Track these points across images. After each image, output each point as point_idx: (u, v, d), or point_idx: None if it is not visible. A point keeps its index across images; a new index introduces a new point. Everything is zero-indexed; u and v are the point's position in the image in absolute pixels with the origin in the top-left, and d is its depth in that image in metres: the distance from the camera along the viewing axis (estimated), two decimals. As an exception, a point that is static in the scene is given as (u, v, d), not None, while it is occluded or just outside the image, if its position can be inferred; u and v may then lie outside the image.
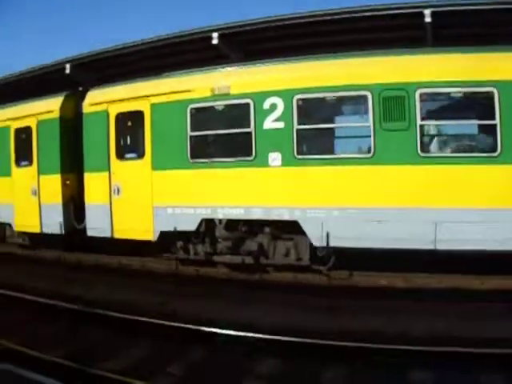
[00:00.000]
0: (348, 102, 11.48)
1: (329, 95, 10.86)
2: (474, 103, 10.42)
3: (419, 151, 10.01)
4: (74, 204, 14.69)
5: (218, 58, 14.54)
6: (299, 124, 10.94)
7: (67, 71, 16.49)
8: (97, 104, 13.86)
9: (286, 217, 11.11)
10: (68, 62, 16.49)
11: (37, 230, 15.35)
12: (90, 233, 14.09)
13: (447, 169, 9.91)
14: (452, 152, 10.48)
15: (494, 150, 9.67)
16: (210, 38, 13.97)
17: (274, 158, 11.19)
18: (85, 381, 6.34)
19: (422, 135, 10.17)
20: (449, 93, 10.23)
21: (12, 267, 15.03)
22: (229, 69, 12.49)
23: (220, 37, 13.96)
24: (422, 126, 10.11)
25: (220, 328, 8.29)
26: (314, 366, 6.98)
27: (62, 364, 6.84)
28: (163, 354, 7.55)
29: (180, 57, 15.41)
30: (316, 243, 10.92)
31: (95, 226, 13.84)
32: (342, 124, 12.18)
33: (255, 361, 7.25)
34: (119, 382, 6.35)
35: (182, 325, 8.50)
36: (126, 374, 6.52)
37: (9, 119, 16.21)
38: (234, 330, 8.18)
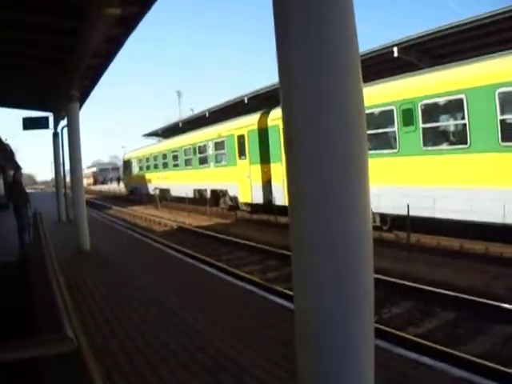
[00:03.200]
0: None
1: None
2: None
3: None
4: (269, 184, 21.30)
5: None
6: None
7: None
8: (273, 120, 20.42)
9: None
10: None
11: (249, 200, 23.29)
12: (275, 202, 20.78)
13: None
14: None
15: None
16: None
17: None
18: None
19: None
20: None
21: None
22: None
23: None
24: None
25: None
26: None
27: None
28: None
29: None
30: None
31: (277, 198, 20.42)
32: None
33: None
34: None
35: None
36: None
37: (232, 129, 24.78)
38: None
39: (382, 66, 19.52)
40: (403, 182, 13.62)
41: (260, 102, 27.53)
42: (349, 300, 2.66)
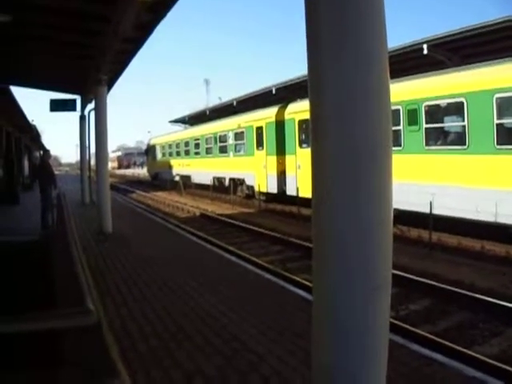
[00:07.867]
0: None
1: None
2: None
3: None
4: (283, 175, 22.57)
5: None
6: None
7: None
8: (290, 113, 21.90)
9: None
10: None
11: (265, 190, 24.37)
12: (287, 192, 22.22)
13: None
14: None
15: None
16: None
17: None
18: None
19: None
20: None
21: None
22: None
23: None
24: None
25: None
26: None
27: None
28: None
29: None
30: None
31: (290, 188, 21.67)
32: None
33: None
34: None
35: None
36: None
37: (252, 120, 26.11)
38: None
39: (410, 62, 19.35)
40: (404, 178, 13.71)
41: (288, 92, 27.49)
42: (366, 291, 2.67)
